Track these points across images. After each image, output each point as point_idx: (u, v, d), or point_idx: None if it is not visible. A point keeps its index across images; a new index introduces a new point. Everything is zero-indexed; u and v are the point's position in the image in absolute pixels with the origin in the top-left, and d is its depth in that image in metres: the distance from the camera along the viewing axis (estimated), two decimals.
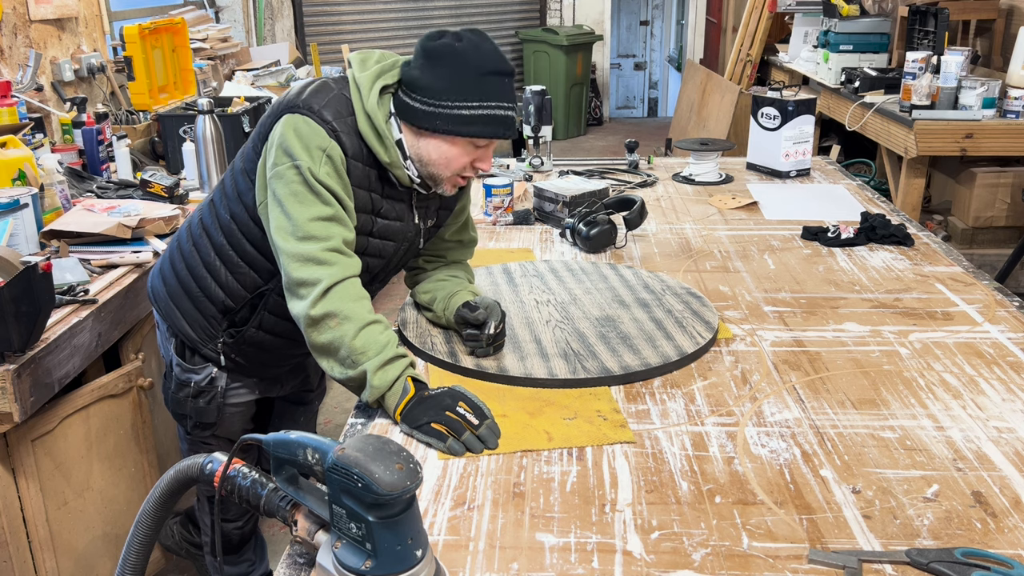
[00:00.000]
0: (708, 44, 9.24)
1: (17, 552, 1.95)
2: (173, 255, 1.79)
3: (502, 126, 1.55)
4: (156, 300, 1.84)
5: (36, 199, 2.32)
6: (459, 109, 1.52)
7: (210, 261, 1.69)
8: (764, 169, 3.15)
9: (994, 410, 1.52)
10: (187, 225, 1.78)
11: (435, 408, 1.42)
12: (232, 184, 1.66)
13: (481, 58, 1.52)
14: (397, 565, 0.99)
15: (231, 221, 1.65)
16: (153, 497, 1.18)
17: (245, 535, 2.06)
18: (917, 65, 3.99)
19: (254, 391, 1.88)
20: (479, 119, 1.52)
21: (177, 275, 1.76)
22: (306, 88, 1.57)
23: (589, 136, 8.93)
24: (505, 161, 3.24)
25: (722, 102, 6.33)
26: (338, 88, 1.57)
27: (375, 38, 7.87)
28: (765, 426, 1.47)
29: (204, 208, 1.74)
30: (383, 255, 1.69)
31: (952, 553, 1.12)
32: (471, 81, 1.51)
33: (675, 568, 1.12)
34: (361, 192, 1.57)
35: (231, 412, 1.86)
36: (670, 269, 2.23)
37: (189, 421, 1.85)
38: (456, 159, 1.57)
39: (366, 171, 1.57)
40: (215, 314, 1.72)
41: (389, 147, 1.55)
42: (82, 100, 3.33)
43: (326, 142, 1.50)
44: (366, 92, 1.53)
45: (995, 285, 2.08)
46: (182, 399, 1.82)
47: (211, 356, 1.78)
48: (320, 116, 1.51)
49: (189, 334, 1.77)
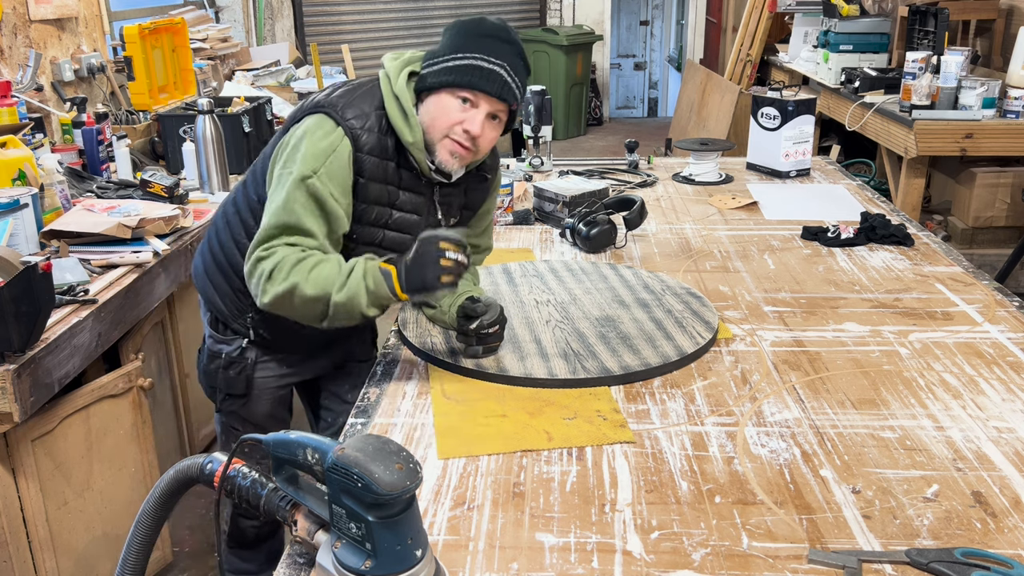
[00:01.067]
0: (708, 44, 9.24)
1: (17, 552, 1.95)
2: (211, 230, 1.86)
3: (481, 77, 1.54)
4: (195, 274, 1.90)
5: (36, 199, 2.32)
6: (447, 62, 1.57)
7: (238, 237, 1.75)
8: (764, 169, 3.15)
9: (994, 410, 1.52)
10: (225, 202, 1.84)
11: (429, 264, 1.48)
12: (261, 167, 1.71)
13: (484, 25, 1.59)
14: (397, 565, 0.99)
15: (257, 202, 1.70)
16: (153, 497, 1.18)
17: (261, 535, 2.07)
18: (917, 65, 3.99)
19: (284, 367, 1.89)
20: (459, 69, 1.55)
21: (211, 251, 1.83)
22: (338, 87, 1.64)
23: (589, 136, 8.93)
24: (505, 161, 3.23)
25: (722, 102, 6.33)
26: (369, 86, 1.63)
27: (375, 38, 7.87)
28: (765, 426, 1.47)
29: (240, 187, 1.80)
30: (400, 249, 1.69)
31: (952, 553, 1.12)
32: (464, 39, 1.57)
33: (675, 568, 1.12)
34: (375, 185, 1.60)
35: (260, 387, 1.88)
36: (670, 269, 2.23)
37: (219, 394, 1.88)
38: (442, 115, 1.57)
39: (383, 164, 1.60)
40: (241, 287, 1.76)
41: (414, 127, 1.58)
42: (82, 100, 3.33)
43: (337, 141, 1.55)
44: (395, 77, 1.60)
45: (995, 285, 2.08)
46: (213, 371, 1.86)
47: (241, 330, 1.82)
48: (341, 115, 1.56)
49: (221, 308, 1.82)
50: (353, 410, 1.56)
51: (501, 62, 1.56)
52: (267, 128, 3.66)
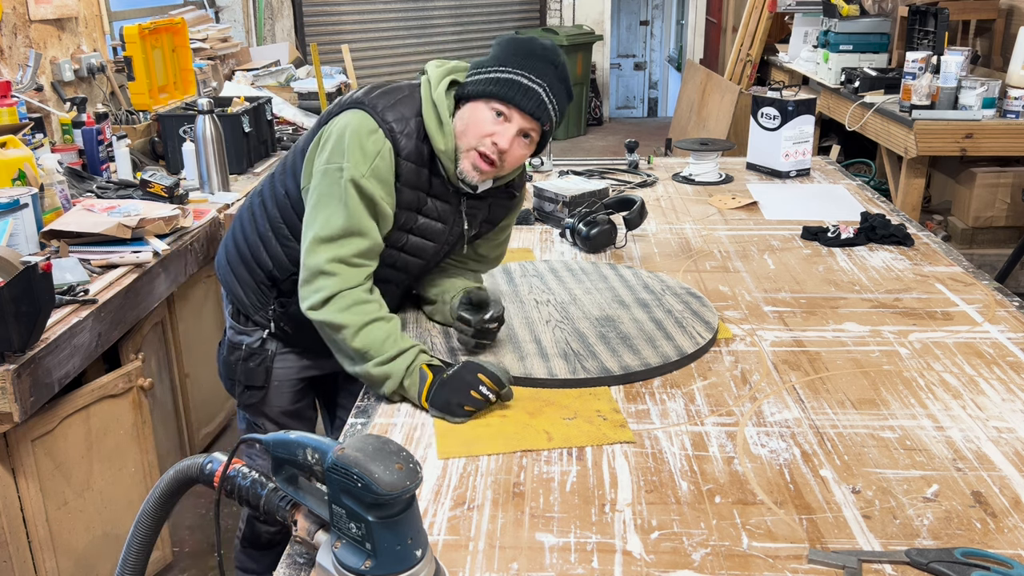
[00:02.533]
0: (708, 44, 9.24)
1: (17, 552, 1.95)
2: (236, 223, 1.86)
3: (518, 91, 1.54)
4: (219, 266, 1.91)
5: (36, 199, 2.32)
6: (489, 74, 1.57)
7: (263, 231, 1.75)
8: (764, 169, 3.15)
9: (994, 410, 1.52)
10: (252, 195, 1.85)
11: (460, 390, 1.49)
12: (292, 161, 1.71)
13: (533, 44, 1.59)
14: (397, 565, 0.99)
15: (285, 196, 1.71)
16: (153, 497, 1.18)
17: (275, 541, 2.07)
18: (917, 65, 3.99)
19: (303, 360, 1.90)
20: (499, 81, 1.56)
21: (236, 242, 1.83)
22: (377, 88, 1.63)
23: (589, 136, 8.93)
24: None
25: (722, 102, 6.33)
26: (409, 91, 1.62)
27: (375, 38, 7.87)
28: (765, 426, 1.47)
29: (267, 180, 1.80)
30: (422, 255, 1.72)
31: (952, 553, 1.12)
32: (511, 55, 1.58)
33: (675, 568, 1.12)
34: (408, 191, 1.61)
35: (279, 378, 1.88)
36: (670, 269, 2.23)
37: (238, 387, 1.88)
38: (474, 125, 1.57)
39: (418, 171, 1.60)
40: (264, 281, 1.78)
41: (447, 135, 1.58)
42: (82, 100, 3.33)
43: (381, 143, 1.55)
44: (435, 83, 1.60)
45: (995, 285, 2.08)
46: (233, 362, 1.86)
47: (262, 322, 1.83)
48: (381, 116, 1.56)
49: (244, 300, 1.83)
50: (353, 410, 1.56)
51: (542, 81, 1.56)
52: (267, 128, 3.66)
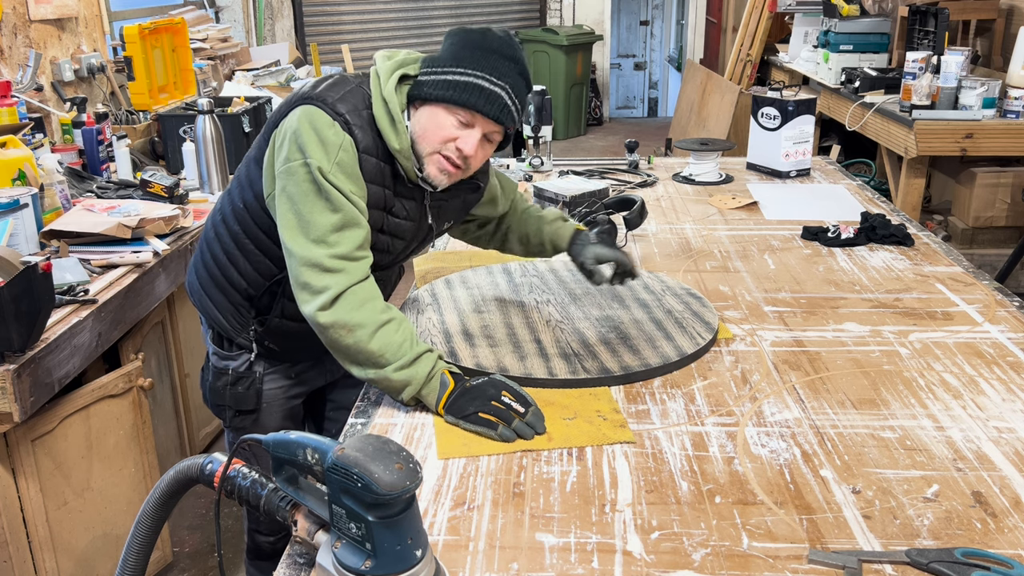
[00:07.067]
0: (708, 44, 9.24)
1: (17, 552, 1.95)
2: (203, 245, 1.79)
3: (481, 97, 1.49)
4: (191, 292, 1.83)
5: (36, 199, 2.32)
6: (447, 75, 1.51)
7: (230, 249, 1.68)
8: (764, 169, 3.15)
9: (994, 410, 1.52)
10: (212, 214, 1.78)
11: (480, 398, 1.45)
12: (246, 173, 1.65)
13: (490, 39, 1.52)
14: (397, 565, 0.99)
15: (244, 210, 1.64)
16: (153, 497, 1.18)
17: (278, 549, 2.06)
18: (917, 65, 3.99)
19: (291, 376, 1.85)
20: (459, 85, 1.50)
21: (205, 265, 1.76)
22: (323, 81, 1.57)
23: (589, 136, 8.93)
24: (505, 161, 3.24)
25: (722, 102, 6.33)
26: (357, 82, 1.57)
27: (375, 38, 7.87)
28: (765, 426, 1.47)
29: (224, 197, 1.74)
30: (391, 251, 1.68)
31: (952, 553, 1.12)
32: (468, 52, 1.51)
33: (675, 568, 1.12)
34: (374, 188, 1.55)
35: (270, 399, 1.83)
36: (670, 269, 2.23)
37: (228, 412, 1.82)
38: (435, 130, 1.52)
39: (379, 166, 1.55)
40: (241, 302, 1.72)
41: (401, 133, 1.53)
42: (82, 100, 3.33)
43: (340, 135, 1.49)
44: (385, 79, 1.54)
45: (995, 285, 2.08)
46: (220, 388, 1.80)
47: (245, 344, 1.76)
48: (333, 109, 1.50)
49: (223, 324, 1.76)
50: (353, 410, 1.56)
51: (503, 83, 1.50)
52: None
